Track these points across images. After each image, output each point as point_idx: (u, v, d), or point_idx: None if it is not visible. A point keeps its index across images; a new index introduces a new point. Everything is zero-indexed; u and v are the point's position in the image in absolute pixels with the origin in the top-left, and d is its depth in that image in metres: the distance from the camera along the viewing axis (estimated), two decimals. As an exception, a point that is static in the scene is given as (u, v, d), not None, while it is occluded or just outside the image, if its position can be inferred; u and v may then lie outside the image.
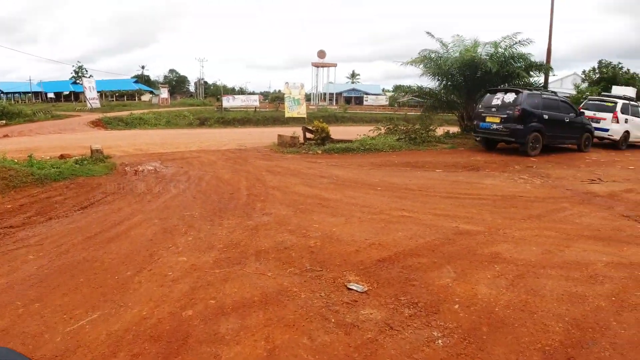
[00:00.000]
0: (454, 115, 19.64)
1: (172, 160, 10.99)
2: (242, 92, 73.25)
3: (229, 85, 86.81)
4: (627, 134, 15.68)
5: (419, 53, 17.58)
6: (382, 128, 16.00)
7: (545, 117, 12.65)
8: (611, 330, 3.11)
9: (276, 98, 57.59)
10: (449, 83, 17.93)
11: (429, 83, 18.65)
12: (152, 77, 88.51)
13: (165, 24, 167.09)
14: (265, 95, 74.74)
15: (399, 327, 3.01)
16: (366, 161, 11.26)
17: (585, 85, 29.71)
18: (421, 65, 17.40)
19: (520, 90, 12.71)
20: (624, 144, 15.70)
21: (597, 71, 31.36)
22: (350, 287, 3.59)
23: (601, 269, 4.22)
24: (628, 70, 28.94)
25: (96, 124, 25.53)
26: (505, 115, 12.40)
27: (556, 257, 4.50)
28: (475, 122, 13.74)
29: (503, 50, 16.61)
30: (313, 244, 4.60)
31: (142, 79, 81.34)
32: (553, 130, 12.97)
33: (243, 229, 5.17)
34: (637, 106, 16.89)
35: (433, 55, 17.25)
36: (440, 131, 16.65)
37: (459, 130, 18.15)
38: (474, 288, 3.66)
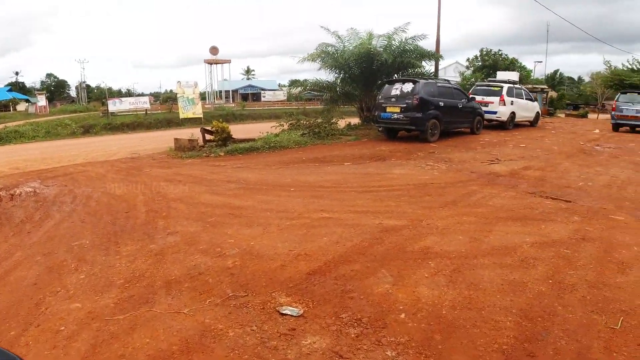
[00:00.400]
0: (353, 107, 19.89)
1: (55, 178, 9.57)
2: (130, 94, 68.45)
3: (115, 87, 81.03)
4: (513, 114, 17.04)
5: (316, 48, 17.48)
6: (285, 124, 15.62)
7: (441, 104, 13.16)
8: (559, 317, 3.06)
9: (168, 98, 54.80)
10: (347, 75, 18.06)
11: (327, 76, 18.68)
12: (28, 84, 79.37)
13: (38, 25, 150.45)
14: (156, 96, 70.86)
15: (348, 354, 2.61)
16: (273, 160, 10.78)
17: (469, 72, 32.00)
18: (319, 60, 17.28)
19: (417, 80, 13.10)
20: (510, 124, 17.06)
21: (479, 59, 33.87)
22: (284, 311, 3.11)
23: (529, 251, 4.28)
24: (507, 56, 31.61)
25: (-37, 142, 22.00)
26: (405, 105, 12.68)
27: (483, 244, 4.49)
28: (376, 113, 13.91)
29: (397, 42, 17.06)
30: (231, 264, 4.04)
31: (16, 86, 72.48)
32: (449, 116, 13.58)
33: (146, 256, 4.43)
34: (521, 89, 18.50)
35: (330, 49, 17.23)
36: (342, 124, 16.70)
37: (360, 121, 18.38)
38: (415, 291, 3.40)
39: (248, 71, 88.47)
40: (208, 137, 13.62)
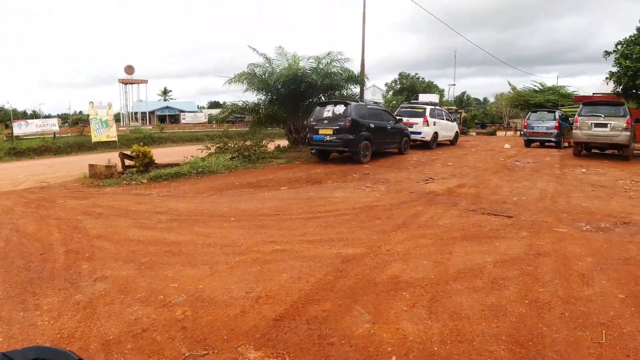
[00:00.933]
0: (281, 129, 19.60)
1: (-54, 213, 8.18)
2: (36, 115, 62.86)
3: (20, 108, 73.93)
4: (436, 134, 17.72)
5: (247, 67, 17.03)
6: (212, 147, 14.90)
7: (372, 125, 13.27)
8: (547, 338, 3.01)
9: (79, 120, 51.19)
10: (274, 97, 17.78)
11: (252, 98, 18.32)
12: None
13: None
14: (64, 118, 65.80)
15: None
16: (203, 186, 10.10)
17: (390, 94, 33.13)
18: (245, 81, 16.83)
19: (348, 102, 13.11)
20: (434, 143, 17.72)
21: (397, 82, 35.24)
22: (256, 372, 2.64)
23: (494, 271, 4.26)
24: (424, 79, 33.17)
25: None
26: (337, 127, 12.61)
27: (449, 267, 4.40)
28: (308, 135, 13.71)
29: (324, 65, 17.12)
30: (181, 314, 3.45)
31: None
32: (379, 137, 13.73)
33: (73, 309, 3.69)
34: (441, 110, 19.38)
35: (258, 70, 16.87)
36: (271, 146, 16.31)
37: (289, 143, 18.12)
38: (398, 328, 3.11)
39: (165, 92, 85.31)
40: (128, 162, 12.57)
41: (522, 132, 21.08)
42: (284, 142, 18.22)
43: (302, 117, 17.77)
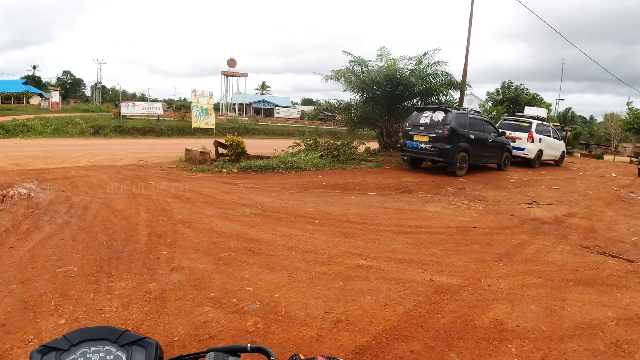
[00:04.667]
0: (371, 131, 19.10)
1: (53, 181, 8.74)
2: (144, 98, 68.38)
3: (130, 90, 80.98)
4: (540, 152, 16.20)
5: (348, 65, 16.75)
6: (302, 144, 14.79)
7: (472, 136, 12.33)
8: None
9: (182, 106, 54.48)
10: (369, 97, 17.33)
11: (345, 97, 18.05)
12: (44, 79, 79.13)
13: (60, 20, 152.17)
14: (169, 103, 70.60)
15: None
16: (290, 182, 9.90)
17: (489, 104, 31.21)
18: (342, 79, 16.54)
19: (449, 109, 12.25)
20: (537, 162, 16.21)
21: (499, 92, 33.14)
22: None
23: (617, 332, 3.47)
24: (529, 91, 30.86)
25: (-30, 131, 21.36)
26: (434, 135, 11.84)
27: (564, 319, 3.63)
28: (402, 140, 13.07)
29: (424, 67, 16.35)
30: (252, 325, 3.12)
31: (32, 80, 72.41)
32: (478, 150, 12.74)
33: (143, 299, 3.52)
34: (549, 126, 17.67)
35: (356, 69, 16.50)
36: (360, 148, 15.88)
37: (379, 146, 17.57)
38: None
39: (263, 86, 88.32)
40: (221, 150, 12.82)
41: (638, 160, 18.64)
42: (374, 145, 17.68)
43: (395, 121, 17.15)
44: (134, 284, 3.82)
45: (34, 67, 78.54)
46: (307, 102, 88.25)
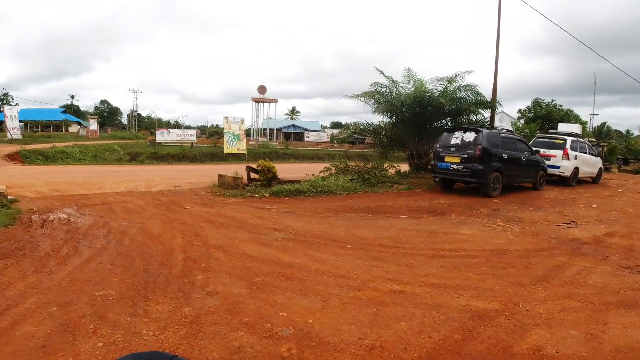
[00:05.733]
0: (401, 153, 19.03)
1: (92, 206, 9.07)
2: (178, 125, 70.47)
3: (164, 118, 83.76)
4: (576, 170, 15.78)
5: (370, 85, 16.87)
6: (333, 168, 14.84)
7: (505, 156, 12.14)
8: None
9: (214, 133, 55.80)
10: (398, 119, 17.32)
11: (374, 119, 18.08)
12: (82, 108, 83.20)
13: (97, 52, 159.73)
14: (202, 129, 72.51)
15: None
16: (321, 206, 9.94)
17: (521, 122, 30.63)
18: (372, 101, 16.64)
19: (480, 129, 12.13)
20: (574, 180, 15.76)
21: (531, 109, 32.54)
22: None
23: None
24: (561, 107, 30.18)
25: (13, 157, 22.36)
26: (466, 155, 11.71)
27: (604, 343, 3.49)
28: (432, 162, 12.98)
29: (453, 89, 16.29)
30: (286, 351, 3.12)
31: (71, 109, 76.07)
32: (512, 169, 12.52)
33: (179, 323, 3.59)
34: (584, 142, 17.20)
35: (384, 90, 16.58)
36: (391, 170, 15.78)
37: (410, 168, 17.45)
38: None
39: (293, 111, 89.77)
40: (253, 175, 13.01)
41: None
42: (404, 167, 17.58)
43: (426, 142, 17.04)
44: (170, 308, 3.90)
45: (72, 97, 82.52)
46: (336, 125, 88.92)
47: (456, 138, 12.22)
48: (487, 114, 17.81)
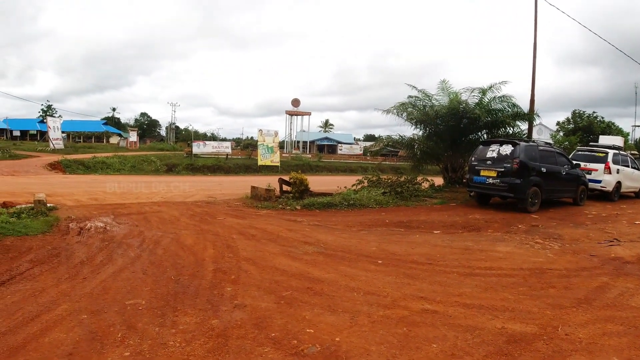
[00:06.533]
0: (434, 166, 18.74)
1: (128, 215, 9.31)
2: (214, 138, 72.03)
3: (201, 130, 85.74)
4: (619, 184, 15.12)
5: (407, 97, 16.72)
6: (365, 181, 14.73)
7: (543, 170, 11.73)
8: None
9: (248, 145, 56.65)
10: (432, 131, 17.06)
11: (407, 132, 17.86)
12: (123, 120, 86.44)
13: (138, 66, 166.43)
14: (237, 141, 73.75)
15: None
16: (353, 220, 9.84)
17: (561, 134, 29.65)
18: (404, 114, 16.47)
19: (517, 141, 11.79)
20: (616, 195, 15.09)
21: (571, 121, 31.47)
22: None
23: None
24: (603, 118, 29.05)
25: (54, 166, 23.39)
26: (502, 169, 11.39)
27: None
28: (467, 176, 12.69)
29: (489, 100, 15.93)
30: (312, 370, 3.06)
31: (112, 121, 79.15)
32: (551, 184, 12.09)
33: (206, 336, 3.57)
34: (627, 156, 16.49)
35: (419, 103, 16.40)
36: (424, 184, 15.52)
37: (444, 182, 17.12)
38: None
39: (326, 124, 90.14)
40: (285, 187, 13.07)
41: None
42: (438, 180, 17.25)
43: (460, 155, 16.70)
44: (197, 320, 3.90)
45: (114, 109, 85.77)
46: (369, 138, 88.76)
47: (492, 151, 11.91)
48: (524, 126, 17.34)
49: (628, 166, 15.89)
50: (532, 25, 16.86)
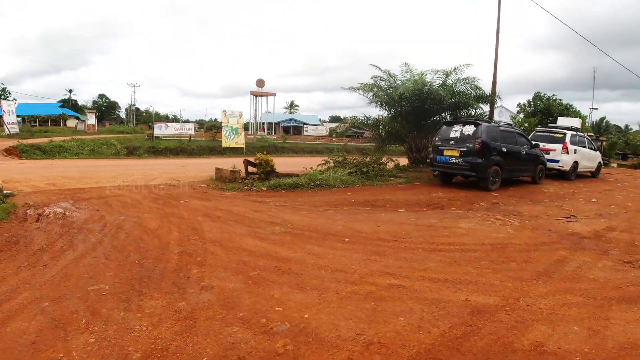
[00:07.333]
0: (399, 147, 18.95)
1: (88, 200, 8.99)
2: (176, 120, 70.22)
3: (162, 112, 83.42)
4: (576, 164, 15.71)
5: (371, 77, 16.75)
6: (331, 161, 14.75)
7: (504, 149, 12.05)
8: None
9: (212, 127, 55.61)
10: (397, 113, 17.23)
11: (373, 112, 18.03)
12: (80, 102, 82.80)
13: (95, 46, 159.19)
14: (200, 123, 72.24)
15: None
16: (320, 200, 9.85)
17: (521, 116, 30.48)
18: (370, 94, 16.52)
19: (479, 122, 12.03)
20: (573, 174, 15.68)
21: (531, 103, 32.38)
22: None
23: None
24: (561, 101, 30.02)
25: (10, 152, 22.30)
26: (465, 149, 11.63)
27: (607, 339, 3.42)
28: (431, 156, 12.90)
29: (453, 82, 16.17)
30: (281, 347, 3.05)
31: (69, 103, 75.70)
32: (511, 163, 12.43)
33: (173, 318, 3.51)
34: (584, 137, 17.12)
35: (383, 84, 16.46)
36: (390, 164, 15.70)
37: (408, 162, 17.37)
38: None
39: (292, 105, 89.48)
40: (251, 169, 12.91)
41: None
42: (403, 161, 17.48)
43: (424, 136, 16.97)
44: (164, 303, 3.83)
45: (70, 91, 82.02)
46: (335, 119, 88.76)
47: (455, 131, 12.12)
48: (486, 108, 17.72)
49: (585, 147, 16.52)
50: (496, 9, 17.13)
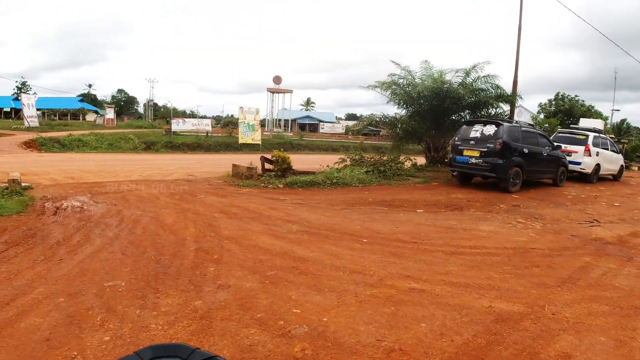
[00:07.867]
0: (417, 146, 18.73)
1: (105, 194, 9.03)
2: (193, 115, 70.68)
3: (180, 107, 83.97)
4: (598, 167, 15.36)
5: (388, 75, 16.58)
6: (348, 159, 14.64)
7: (525, 150, 11.80)
8: None
9: (229, 123, 55.85)
10: (415, 111, 17.01)
11: (390, 110, 17.84)
12: (100, 97, 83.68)
13: (114, 41, 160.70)
14: (217, 119, 72.60)
15: None
16: (336, 198, 9.76)
17: (541, 116, 29.95)
18: (388, 91, 16.35)
19: (500, 122, 11.80)
20: (594, 177, 15.35)
21: (552, 104, 31.79)
22: None
23: None
24: (584, 102, 29.42)
25: (29, 145, 22.69)
26: (485, 149, 11.41)
27: (634, 351, 3.29)
28: (450, 155, 12.70)
29: (473, 80, 15.91)
30: (300, 351, 2.97)
31: (88, 97, 76.68)
32: (532, 164, 12.17)
33: (189, 318, 3.46)
34: (606, 139, 16.73)
35: (402, 82, 16.27)
36: (407, 163, 15.52)
37: (426, 162, 17.16)
38: None
39: (308, 102, 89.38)
40: (267, 166, 12.87)
41: None
42: (420, 160, 17.28)
43: (443, 135, 16.74)
44: (180, 301, 3.78)
45: (90, 86, 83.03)
46: (351, 117, 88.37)
47: (475, 131, 11.91)
48: (506, 107, 17.41)
49: (607, 149, 16.13)
50: (518, 7, 16.79)
